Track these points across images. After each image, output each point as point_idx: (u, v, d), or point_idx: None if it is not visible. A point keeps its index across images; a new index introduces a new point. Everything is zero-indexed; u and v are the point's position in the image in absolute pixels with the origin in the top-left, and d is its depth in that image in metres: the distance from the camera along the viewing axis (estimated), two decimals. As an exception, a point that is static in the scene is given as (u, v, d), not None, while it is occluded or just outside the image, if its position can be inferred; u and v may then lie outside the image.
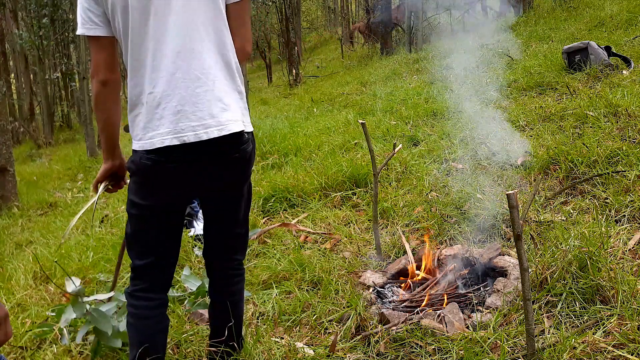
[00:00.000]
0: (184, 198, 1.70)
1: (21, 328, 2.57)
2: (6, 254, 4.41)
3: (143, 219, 1.67)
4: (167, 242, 1.71)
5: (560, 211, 2.70)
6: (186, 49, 1.54)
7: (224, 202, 1.75)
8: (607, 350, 1.67)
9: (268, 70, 16.20)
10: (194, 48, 1.55)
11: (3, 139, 6.58)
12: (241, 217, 1.79)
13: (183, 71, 1.54)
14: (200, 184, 1.64)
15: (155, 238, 1.69)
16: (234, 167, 1.65)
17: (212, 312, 1.88)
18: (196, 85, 1.55)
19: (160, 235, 1.69)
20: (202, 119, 1.54)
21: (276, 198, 3.68)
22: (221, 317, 1.83)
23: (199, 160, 1.58)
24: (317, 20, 28.01)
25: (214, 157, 1.60)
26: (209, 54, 1.57)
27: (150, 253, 1.69)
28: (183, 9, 1.53)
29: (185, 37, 1.54)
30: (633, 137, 3.21)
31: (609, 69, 4.75)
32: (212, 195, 1.73)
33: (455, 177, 3.46)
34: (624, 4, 7.43)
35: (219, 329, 1.85)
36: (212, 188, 1.69)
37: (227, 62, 1.61)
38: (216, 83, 1.57)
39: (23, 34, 14.20)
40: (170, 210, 1.68)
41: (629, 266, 2.07)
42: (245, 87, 6.13)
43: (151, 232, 1.68)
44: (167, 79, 1.54)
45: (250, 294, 2.53)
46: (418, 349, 1.91)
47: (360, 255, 2.76)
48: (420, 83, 7.17)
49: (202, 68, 1.55)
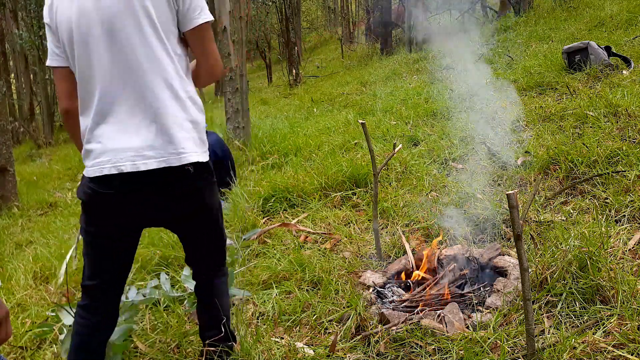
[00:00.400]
0: (126, 228, 1.67)
1: (21, 328, 2.57)
2: (6, 254, 4.41)
3: (89, 244, 1.69)
4: (112, 268, 1.72)
5: (560, 211, 2.70)
6: (136, 82, 1.56)
7: (185, 229, 1.76)
8: (607, 350, 1.67)
9: (268, 70, 16.20)
10: (144, 80, 1.56)
11: (3, 139, 6.58)
12: (211, 237, 1.81)
13: (131, 102, 1.56)
14: (143, 214, 1.64)
15: (100, 264, 1.71)
16: (182, 199, 1.63)
17: (199, 309, 1.91)
18: (143, 117, 1.56)
19: (104, 262, 1.71)
20: (141, 149, 1.54)
21: (276, 198, 3.68)
22: (208, 313, 1.88)
23: (139, 191, 1.58)
24: (317, 20, 28.01)
25: (158, 189, 1.58)
26: (154, 85, 1.56)
27: (96, 276, 1.72)
28: (126, 41, 1.54)
29: (129, 69, 1.55)
30: (633, 137, 3.21)
31: (609, 69, 4.75)
32: (164, 224, 1.75)
33: (455, 177, 3.46)
34: (624, 4, 7.43)
35: (206, 324, 1.89)
36: (158, 219, 1.68)
37: (174, 93, 1.59)
38: (160, 114, 1.56)
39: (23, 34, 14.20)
40: (114, 238, 1.67)
41: (629, 266, 2.07)
42: (245, 87, 6.10)
43: (97, 257, 1.70)
44: (115, 110, 1.57)
45: (250, 294, 2.53)
46: (418, 349, 1.91)
47: (360, 255, 2.76)
48: (420, 83, 7.17)
49: (145, 99, 1.56)
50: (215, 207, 1.76)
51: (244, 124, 5.99)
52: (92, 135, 1.60)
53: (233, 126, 5.98)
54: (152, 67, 1.56)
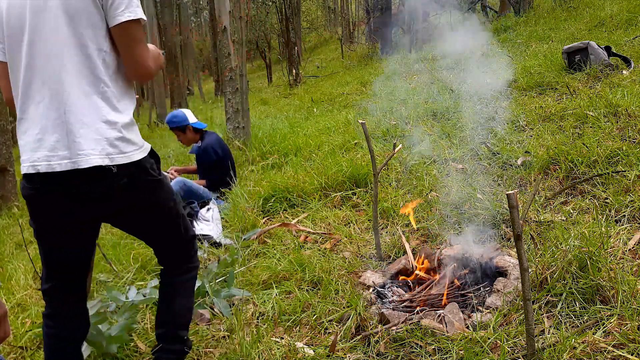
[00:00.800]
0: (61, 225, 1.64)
1: (21, 328, 2.57)
2: (6, 254, 4.41)
3: (37, 240, 1.70)
4: (64, 268, 1.72)
5: (560, 211, 2.70)
6: (51, 79, 1.53)
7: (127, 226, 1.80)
8: (607, 350, 1.67)
9: (268, 70, 16.21)
10: (59, 78, 1.53)
11: (3, 139, 6.58)
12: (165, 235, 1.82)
13: (46, 101, 1.54)
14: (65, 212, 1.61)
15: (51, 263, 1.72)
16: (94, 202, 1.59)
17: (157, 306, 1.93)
18: (56, 116, 1.53)
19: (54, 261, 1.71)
20: (56, 149, 1.52)
21: (276, 198, 3.68)
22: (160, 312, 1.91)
23: (50, 191, 1.57)
24: (317, 20, 28.02)
25: (65, 190, 1.56)
26: (73, 84, 1.53)
27: (51, 278, 1.73)
28: (52, 38, 1.53)
29: (51, 67, 1.53)
30: (633, 137, 3.21)
31: (609, 69, 4.75)
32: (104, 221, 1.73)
33: (455, 177, 3.46)
34: (624, 4, 7.43)
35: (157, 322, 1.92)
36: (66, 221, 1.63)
37: (94, 91, 1.56)
38: (77, 114, 1.53)
39: (23, 34, 14.19)
40: (55, 235, 1.66)
41: (629, 266, 2.07)
42: (245, 87, 6.09)
43: (46, 255, 1.71)
44: (33, 108, 1.56)
45: (250, 294, 2.53)
46: (418, 349, 1.91)
47: (360, 255, 2.76)
48: (420, 83, 7.17)
49: (62, 98, 1.53)
50: (161, 205, 1.74)
51: (244, 124, 5.99)
52: (19, 131, 1.61)
53: (233, 126, 5.98)
54: (67, 65, 1.53)
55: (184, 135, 4.22)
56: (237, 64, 5.89)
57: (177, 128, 4.18)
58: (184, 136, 4.22)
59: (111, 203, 1.62)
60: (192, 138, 4.24)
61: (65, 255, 1.70)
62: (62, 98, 1.53)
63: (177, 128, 4.18)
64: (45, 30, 1.53)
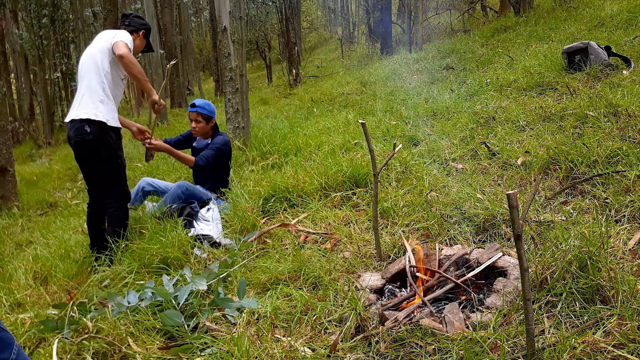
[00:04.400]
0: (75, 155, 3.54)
1: (21, 328, 2.57)
2: (6, 254, 4.41)
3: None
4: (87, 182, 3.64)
5: (560, 211, 2.70)
6: (83, 73, 3.43)
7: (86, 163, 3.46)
8: (607, 350, 1.67)
9: (268, 70, 16.21)
10: (86, 72, 3.41)
11: (3, 139, 6.58)
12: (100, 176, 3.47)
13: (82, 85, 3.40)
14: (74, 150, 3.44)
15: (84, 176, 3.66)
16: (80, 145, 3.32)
17: (89, 222, 3.61)
18: (82, 92, 3.38)
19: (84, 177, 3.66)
20: (73, 108, 3.38)
21: (276, 198, 3.68)
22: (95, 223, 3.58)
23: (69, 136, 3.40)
24: (317, 20, 28.02)
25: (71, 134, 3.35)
26: (91, 76, 3.38)
27: (87, 184, 3.69)
28: (90, 52, 3.47)
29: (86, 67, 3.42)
30: (633, 137, 3.21)
31: (609, 69, 4.75)
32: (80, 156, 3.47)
33: (455, 177, 3.46)
34: (624, 4, 7.44)
35: (94, 233, 3.56)
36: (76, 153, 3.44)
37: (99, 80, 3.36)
38: (89, 92, 3.35)
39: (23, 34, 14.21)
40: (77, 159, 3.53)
41: (629, 266, 2.07)
42: (245, 87, 6.12)
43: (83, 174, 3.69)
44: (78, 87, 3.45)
45: (257, 301, 2.52)
46: (418, 349, 1.91)
47: (360, 255, 2.76)
48: (420, 83, 7.17)
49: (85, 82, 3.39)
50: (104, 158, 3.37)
51: (244, 124, 5.99)
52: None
53: (233, 126, 5.98)
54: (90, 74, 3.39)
55: (205, 125, 4.18)
56: (237, 64, 5.89)
57: (205, 116, 4.17)
58: (203, 126, 4.18)
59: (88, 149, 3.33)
60: (208, 132, 4.24)
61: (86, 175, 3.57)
62: (85, 82, 3.39)
63: (205, 116, 4.16)
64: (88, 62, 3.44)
